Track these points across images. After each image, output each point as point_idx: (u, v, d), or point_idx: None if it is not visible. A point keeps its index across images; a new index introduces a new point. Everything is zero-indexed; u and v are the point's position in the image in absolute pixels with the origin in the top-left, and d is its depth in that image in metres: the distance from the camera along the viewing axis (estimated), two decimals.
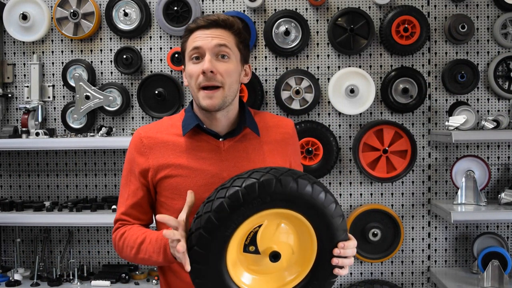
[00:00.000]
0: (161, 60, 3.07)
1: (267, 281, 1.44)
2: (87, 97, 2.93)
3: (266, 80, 3.04)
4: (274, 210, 1.37)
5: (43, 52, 3.12)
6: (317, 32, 3.02)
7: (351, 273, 3.06)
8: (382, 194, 3.04)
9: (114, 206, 2.83)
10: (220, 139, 1.60)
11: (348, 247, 1.43)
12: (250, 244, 1.40)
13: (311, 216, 1.39)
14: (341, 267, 1.44)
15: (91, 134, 2.90)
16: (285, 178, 1.34)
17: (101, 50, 3.10)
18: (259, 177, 1.34)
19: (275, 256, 1.40)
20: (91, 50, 3.10)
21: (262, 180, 1.33)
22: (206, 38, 1.53)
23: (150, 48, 3.07)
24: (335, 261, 1.42)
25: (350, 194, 3.05)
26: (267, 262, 1.41)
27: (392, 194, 3.04)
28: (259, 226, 1.40)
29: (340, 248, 1.41)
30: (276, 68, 3.04)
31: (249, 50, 1.68)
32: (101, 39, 3.09)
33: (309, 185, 1.36)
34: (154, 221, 1.67)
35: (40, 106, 3.01)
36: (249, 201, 1.33)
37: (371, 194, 3.05)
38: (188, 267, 1.34)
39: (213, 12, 3.04)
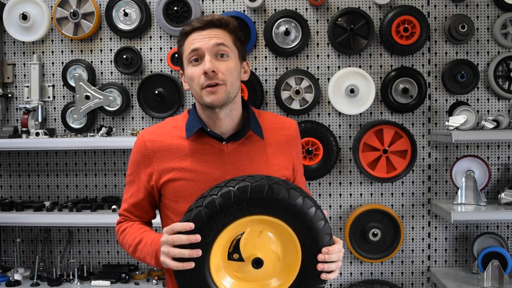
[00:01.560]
0: (161, 60, 3.07)
1: None
2: (87, 97, 2.93)
3: (266, 80, 3.04)
4: (254, 217, 1.38)
5: (43, 52, 3.12)
6: (317, 32, 3.02)
7: (351, 273, 3.06)
8: (382, 194, 3.04)
9: (114, 206, 2.83)
10: (224, 142, 1.60)
11: (333, 251, 1.41)
12: (234, 252, 1.40)
13: (291, 222, 1.39)
14: (329, 272, 1.43)
15: (91, 134, 2.90)
16: (260, 185, 1.35)
17: (101, 50, 3.10)
18: (234, 185, 1.36)
19: (257, 263, 1.40)
20: (91, 50, 3.10)
21: (237, 188, 1.35)
22: (204, 39, 1.53)
23: (150, 48, 3.07)
24: (320, 266, 1.41)
25: (350, 194, 3.05)
26: (251, 269, 1.41)
27: (392, 194, 3.04)
28: (242, 234, 1.40)
29: (324, 253, 1.40)
30: (276, 68, 3.04)
31: (246, 47, 1.69)
32: (101, 39, 3.09)
33: (285, 191, 1.36)
34: (157, 218, 1.71)
35: (40, 106, 3.01)
36: (226, 209, 1.35)
37: (371, 194, 3.05)
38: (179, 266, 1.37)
39: (213, 12, 3.04)
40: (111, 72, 3.09)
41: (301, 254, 1.41)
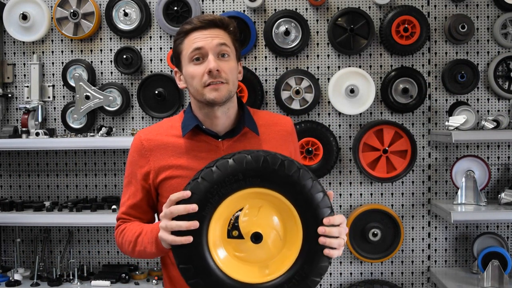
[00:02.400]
0: (161, 60, 3.07)
1: (253, 268, 1.41)
2: (87, 97, 2.93)
3: (266, 80, 3.04)
4: (251, 190, 1.36)
5: (43, 52, 3.12)
6: (317, 32, 3.02)
7: (351, 273, 3.06)
8: (382, 194, 3.04)
9: (114, 206, 2.83)
10: (219, 139, 1.61)
11: (334, 221, 1.37)
12: (233, 229, 1.39)
13: (289, 194, 1.37)
14: (332, 248, 1.38)
15: (91, 134, 2.90)
16: (255, 155, 1.35)
17: (101, 50, 3.10)
18: (230, 157, 1.36)
19: (256, 237, 1.38)
20: (91, 50, 3.10)
21: (233, 158, 1.35)
22: (206, 39, 1.55)
23: (150, 48, 3.07)
24: (322, 240, 1.36)
25: (350, 194, 3.05)
26: (252, 247, 1.38)
27: (392, 194, 3.04)
28: (241, 211, 1.39)
29: (325, 224, 1.36)
30: (276, 68, 3.04)
31: (241, 48, 1.70)
32: (101, 39, 3.09)
33: (281, 162, 1.35)
34: (155, 220, 1.69)
35: (40, 106, 3.01)
36: (222, 179, 1.34)
37: (371, 194, 3.05)
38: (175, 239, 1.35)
39: (213, 12, 3.04)
40: (111, 72, 3.09)
41: (302, 229, 1.38)
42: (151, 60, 3.08)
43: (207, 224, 1.36)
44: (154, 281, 2.88)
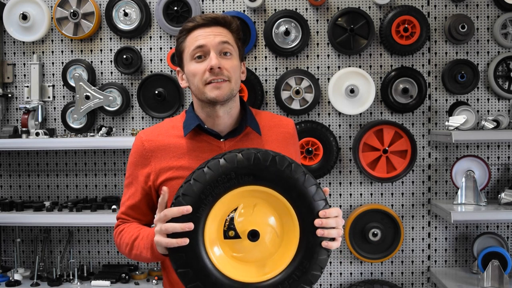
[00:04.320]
0: (161, 60, 3.07)
1: (252, 267, 1.41)
2: (87, 97, 2.93)
3: (266, 80, 3.04)
4: (245, 188, 1.35)
5: (43, 52, 3.12)
6: (317, 32, 3.02)
7: (351, 273, 3.06)
8: (382, 194, 3.04)
9: (114, 206, 2.83)
10: (221, 139, 1.60)
11: (330, 214, 1.36)
12: (229, 230, 1.38)
13: (283, 190, 1.36)
14: (331, 239, 1.38)
15: (91, 134, 2.90)
16: (246, 153, 1.35)
17: (101, 50, 3.10)
18: (221, 156, 1.35)
19: (253, 235, 1.37)
20: (91, 50, 3.10)
21: (224, 158, 1.35)
22: (209, 36, 1.54)
23: (150, 48, 3.07)
24: (320, 232, 1.35)
25: (350, 194, 3.05)
26: (250, 246, 1.37)
27: (392, 194, 3.04)
28: (236, 210, 1.38)
29: (321, 216, 1.36)
30: (276, 68, 3.04)
31: (244, 48, 1.69)
32: (101, 39, 3.09)
33: (272, 158, 1.35)
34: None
35: (40, 106, 3.01)
36: (214, 179, 1.33)
37: (371, 194, 3.05)
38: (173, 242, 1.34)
39: (213, 12, 3.04)
40: (111, 72, 3.09)
41: (299, 223, 1.38)
42: (151, 60, 3.08)
43: (203, 225, 1.35)
44: (154, 281, 2.88)
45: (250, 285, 1.38)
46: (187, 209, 1.33)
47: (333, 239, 1.39)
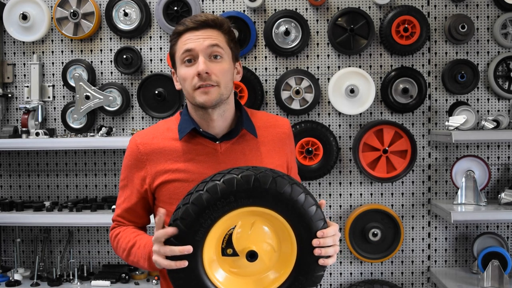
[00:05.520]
0: (161, 60, 3.07)
1: (249, 283, 1.42)
2: (87, 97, 2.93)
3: (266, 80, 3.04)
4: (243, 209, 1.35)
5: (43, 52, 3.12)
6: (317, 32, 3.02)
7: (351, 273, 3.06)
8: (382, 194, 3.04)
9: (114, 206, 2.82)
10: (217, 142, 1.59)
11: (328, 234, 1.37)
12: (227, 247, 1.38)
13: (282, 210, 1.36)
14: (327, 257, 1.39)
15: (91, 134, 2.90)
16: (246, 176, 1.33)
17: (101, 50, 3.10)
18: (220, 179, 1.33)
19: (252, 256, 1.37)
20: (91, 50, 3.10)
21: (223, 181, 1.32)
22: (198, 40, 1.52)
23: (150, 48, 3.07)
24: (317, 251, 1.37)
25: (350, 194, 3.05)
26: (247, 263, 1.38)
27: (392, 194, 3.04)
28: (234, 228, 1.38)
29: (319, 237, 1.36)
30: (276, 68, 3.04)
31: (239, 47, 1.67)
32: (101, 39, 3.09)
33: (272, 180, 1.33)
34: (151, 223, 1.69)
35: (40, 106, 3.01)
36: (213, 203, 1.32)
37: (371, 194, 3.05)
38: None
39: (213, 12, 3.04)
40: (111, 72, 3.09)
41: (296, 242, 1.38)
42: (151, 60, 3.08)
43: (201, 248, 1.35)
44: (154, 281, 2.88)
45: None
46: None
47: (329, 256, 1.40)
